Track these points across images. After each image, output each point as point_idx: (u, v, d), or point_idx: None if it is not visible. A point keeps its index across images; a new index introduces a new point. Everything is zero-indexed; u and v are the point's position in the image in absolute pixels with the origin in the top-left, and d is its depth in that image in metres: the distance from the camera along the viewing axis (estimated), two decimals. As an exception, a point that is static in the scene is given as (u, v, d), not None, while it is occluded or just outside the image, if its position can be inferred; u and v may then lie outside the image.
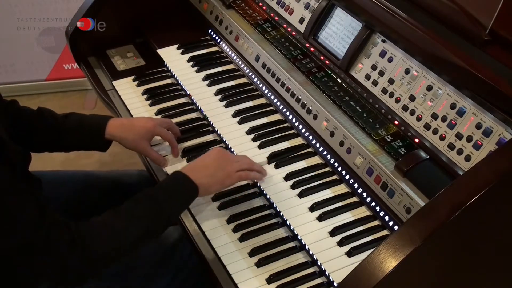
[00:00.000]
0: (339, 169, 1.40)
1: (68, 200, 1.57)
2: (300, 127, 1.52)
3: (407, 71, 1.34)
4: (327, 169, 1.44)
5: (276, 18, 1.72)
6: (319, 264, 1.24)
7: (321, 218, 1.31)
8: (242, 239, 1.30)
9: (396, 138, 1.33)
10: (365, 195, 1.33)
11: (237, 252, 1.28)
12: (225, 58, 1.81)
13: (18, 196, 1.12)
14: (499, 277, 1.24)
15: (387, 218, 1.28)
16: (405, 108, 1.33)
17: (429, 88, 1.29)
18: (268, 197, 1.38)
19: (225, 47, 1.82)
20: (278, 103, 1.59)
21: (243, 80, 1.73)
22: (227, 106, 1.64)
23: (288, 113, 1.56)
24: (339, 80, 1.51)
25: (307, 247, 1.26)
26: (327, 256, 1.24)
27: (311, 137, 1.48)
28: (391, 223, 1.27)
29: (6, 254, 1.11)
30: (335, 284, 1.20)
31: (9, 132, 1.30)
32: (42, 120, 1.46)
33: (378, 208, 1.30)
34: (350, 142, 1.36)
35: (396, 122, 1.35)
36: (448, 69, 1.25)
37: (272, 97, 1.62)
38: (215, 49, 1.86)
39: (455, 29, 1.29)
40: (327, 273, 1.21)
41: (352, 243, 1.26)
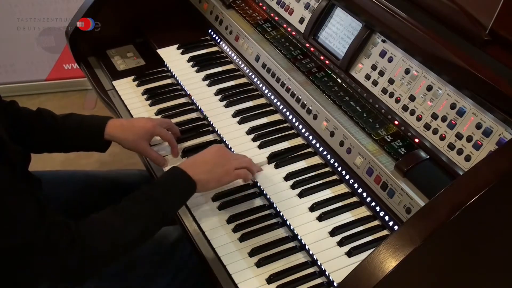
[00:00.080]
0: (339, 169, 1.40)
1: (68, 200, 1.57)
2: (300, 127, 1.52)
3: (407, 71, 1.34)
4: (327, 169, 1.44)
5: (276, 18, 1.71)
6: (319, 264, 1.24)
7: (321, 218, 1.31)
8: (242, 239, 1.30)
9: (396, 138, 1.33)
10: (365, 195, 1.33)
11: (237, 252, 1.28)
12: (225, 58, 1.81)
13: (18, 196, 1.12)
14: (499, 277, 1.24)
15: (387, 218, 1.28)
16: (405, 108, 1.33)
17: (429, 88, 1.29)
18: (268, 197, 1.38)
19: (225, 47, 1.82)
20: (278, 103, 1.59)
21: (243, 80, 1.73)
22: (227, 106, 1.64)
23: (288, 113, 1.56)
24: (339, 80, 1.51)
25: (307, 247, 1.26)
26: (327, 256, 1.24)
27: (311, 137, 1.48)
28: (391, 223, 1.27)
29: (6, 254, 1.11)
30: (335, 284, 1.20)
31: (9, 132, 1.30)
32: (42, 121, 1.46)
33: (378, 208, 1.30)
34: (350, 142, 1.36)
35: (396, 122, 1.35)
36: (448, 69, 1.25)
37: (272, 97, 1.62)
38: (215, 49, 1.86)
39: (455, 29, 1.29)
40: (327, 273, 1.21)
41: (352, 243, 1.26)
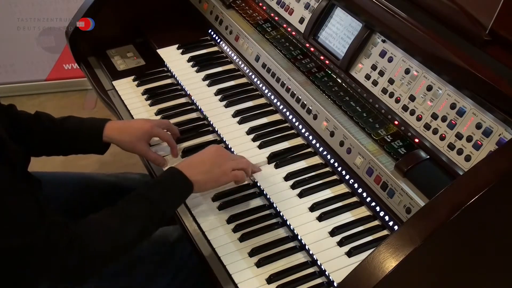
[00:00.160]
0: (339, 169, 1.40)
1: (67, 201, 1.57)
2: (300, 127, 1.52)
3: (407, 71, 1.34)
4: (327, 169, 1.44)
5: (276, 18, 1.71)
6: (319, 264, 1.24)
7: (321, 218, 1.31)
8: (242, 239, 1.30)
9: (396, 138, 1.33)
10: (365, 195, 1.33)
11: (237, 252, 1.28)
12: (225, 58, 1.81)
13: (18, 196, 1.12)
14: (499, 277, 1.24)
15: (387, 218, 1.28)
16: (405, 108, 1.33)
17: (429, 88, 1.29)
18: (268, 197, 1.38)
19: (225, 47, 1.82)
20: (278, 103, 1.59)
21: (243, 80, 1.73)
22: (227, 106, 1.63)
23: (288, 113, 1.56)
24: (339, 80, 1.50)
25: (307, 247, 1.26)
26: (327, 256, 1.24)
27: (311, 137, 1.48)
28: (391, 223, 1.27)
29: (6, 254, 1.11)
30: (335, 284, 1.20)
31: (9, 132, 1.30)
32: (40, 124, 1.45)
33: (378, 208, 1.30)
34: (350, 142, 1.36)
35: (396, 122, 1.35)
36: (448, 69, 1.25)
37: (272, 97, 1.62)
38: (215, 49, 1.86)
39: (455, 29, 1.29)
40: (327, 273, 1.21)
41: (352, 243, 1.26)
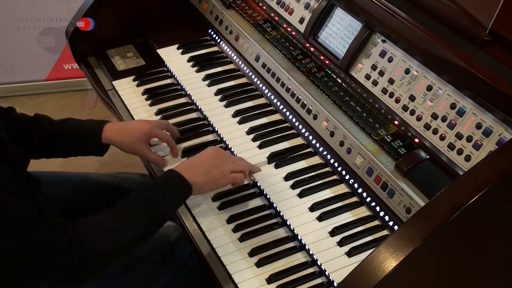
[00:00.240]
0: (339, 169, 1.40)
1: (67, 201, 1.57)
2: (300, 127, 1.52)
3: (407, 71, 1.34)
4: (327, 169, 1.44)
5: (276, 18, 1.71)
6: (319, 264, 1.23)
7: (321, 218, 1.31)
8: (242, 239, 1.30)
9: (396, 138, 1.33)
10: (365, 195, 1.33)
11: (237, 252, 1.28)
12: (225, 58, 1.81)
13: (18, 196, 1.12)
14: (499, 277, 1.24)
15: (387, 218, 1.28)
16: (405, 108, 1.33)
17: (429, 88, 1.29)
18: (268, 197, 1.38)
19: (225, 47, 1.82)
20: (278, 103, 1.59)
21: (243, 80, 1.73)
22: (227, 106, 1.63)
23: (288, 113, 1.56)
24: (339, 80, 1.50)
25: (307, 247, 1.26)
26: (327, 256, 1.24)
27: (311, 137, 1.48)
28: (391, 223, 1.27)
29: (6, 254, 1.11)
30: (335, 284, 1.20)
31: (9, 132, 1.30)
32: (39, 126, 1.45)
33: (378, 208, 1.30)
34: (350, 142, 1.36)
35: (396, 122, 1.35)
36: (448, 69, 1.25)
37: (272, 97, 1.62)
38: (215, 49, 1.86)
39: (455, 29, 1.29)
40: (327, 273, 1.21)
41: (352, 243, 1.26)
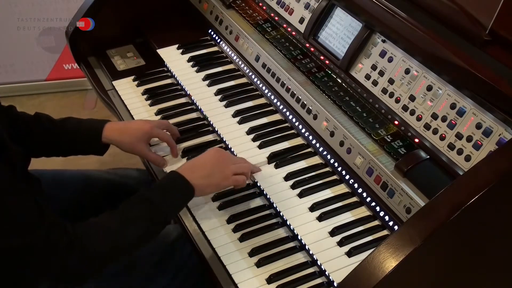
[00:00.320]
0: (339, 169, 1.40)
1: (68, 199, 1.57)
2: (300, 127, 1.52)
3: (407, 71, 1.34)
4: (327, 169, 1.44)
5: (276, 18, 1.71)
6: (319, 264, 1.24)
7: (321, 218, 1.31)
8: (242, 239, 1.30)
9: (396, 138, 1.33)
10: (365, 195, 1.33)
11: (237, 252, 1.28)
12: (225, 58, 1.81)
13: (18, 196, 1.12)
14: (499, 277, 1.24)
15: (387, 218, 1.28)
16: (405, 108, 1.33)
17: (429, 88, 1.29)
18: (268, 197, 1.38)
19: (225, 47, 1.82)
20: (278, 103, 1.59)
21: (243, 80, 1.73)
22: (227, 106, 1.63)
23: (288, 113, 1.56)
24: (339, 80, 1.50)
25: (307, 247, 1.26)
26: (327, 256, 1.24)
27: (311, 137, 1.48)
28: (391, 223, 1.27)
29: (6, 254, 1.11)
30: (335, 284, 1.20)
31: (9, 132, 1.30)
32: (39, 125, 1.45)
33: (378, 208, 1.30)
34: (350, 142, 1.36)
35: (396, 122, 1.35)
36: (448, 69, 1.25)
37: (272, 97, 1.62)
38: (215, 49, 1.86)
39: (455, 29, 1.29)
40: (327, 273, 1.21)
41: (352, 243, 1.26)
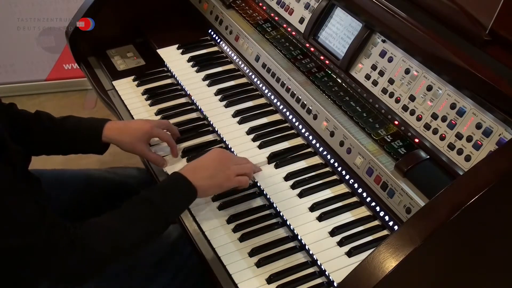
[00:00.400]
0: (339, 169, 1.40)
1: (68, 199, 1.57)
2: (300, 127, 1.52)
3: (407, 71, 1.34)
4: (327, 169, 1.44)
5: (276, 18, 1.71)
6: (319, 264, 1.24)
7: (321, 218, 1.31)
8: (242, 239, 1.30)
9: (396, 138, 1.33)
10: (365, 195, 1.33)
11: (237, 252, 1.28)
12: (225, 58, 1.81)
13: (18, 196, 1.12)
14: (499, 277, 1.24)
15: (387, 218, 1.28)
16: (405, 108, 1.33)
17: (429, 88, 1.29)
18: (268, 197, 1.38)
19: (225, 47, 1.82)
20: (278, 103, 1.59)
21: (243, 80, 1.73)
22: (227, 106, 1.63)
23: (288, 113, 1.56)
24: (339, 80, 1.50)
25: (307, 247, 1.26)
26: (327, 256, 1.24)
27: (311, 137, 1.48)
28: (391, 223, 1.27)
29: (6, 254, 1.11)
30: (335, 284, 1.20)
31: (9, 132, 1.30)
32: (40, 123, 1.45)
33: (378, 208, 1.30)
34: (350, 142, 1.36)
35: (396, 122, 1.35)
36: (448, 69, 1.25)
37: (272, 97, 1.62)
38: (215, 49, 1.86)
39: (455, 29, 1.29)
40: (327, 273, 1.21)
41: (352, 243, 1.26)
